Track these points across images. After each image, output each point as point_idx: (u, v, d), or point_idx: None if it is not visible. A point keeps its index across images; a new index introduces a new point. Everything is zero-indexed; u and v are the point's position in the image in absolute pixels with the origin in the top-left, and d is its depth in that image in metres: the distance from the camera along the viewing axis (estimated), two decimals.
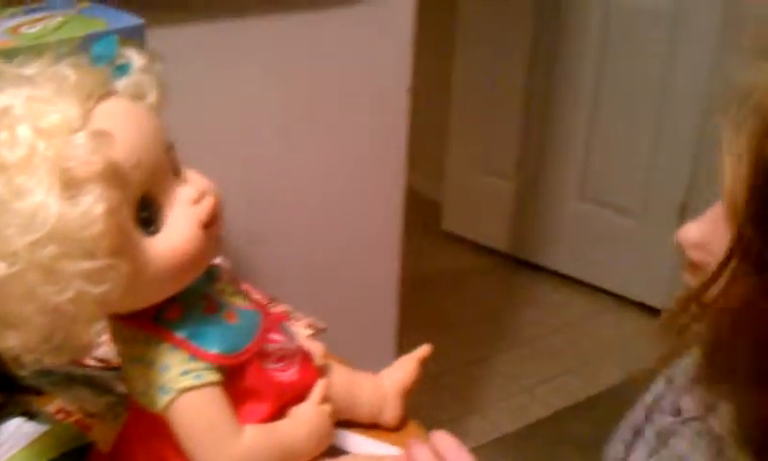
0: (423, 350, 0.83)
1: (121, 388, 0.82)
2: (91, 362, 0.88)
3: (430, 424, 0.77)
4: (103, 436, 0.75)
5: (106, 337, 0.86)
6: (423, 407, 0.76)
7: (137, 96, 0.65)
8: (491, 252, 2.91)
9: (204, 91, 1.27)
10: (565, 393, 2.19)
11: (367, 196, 1.60)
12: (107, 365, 0.88)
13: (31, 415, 0.78)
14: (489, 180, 2.85)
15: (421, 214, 3.12)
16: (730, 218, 0.55)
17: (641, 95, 2.45)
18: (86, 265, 0.56)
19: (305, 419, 0.70)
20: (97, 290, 0.57)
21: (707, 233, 0.60)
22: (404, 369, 0.82)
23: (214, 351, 0.65)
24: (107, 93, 0.62)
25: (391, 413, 0.80)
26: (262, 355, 0.70)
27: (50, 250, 0.55)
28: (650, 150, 2.46)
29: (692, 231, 0.61)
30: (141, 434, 0.69)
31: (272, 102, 1.40)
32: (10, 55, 0.65)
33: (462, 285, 2.74)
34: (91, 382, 0.85)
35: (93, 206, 0.56)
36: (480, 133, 2.85)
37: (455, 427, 2.06)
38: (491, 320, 2.57)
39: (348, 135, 1.52)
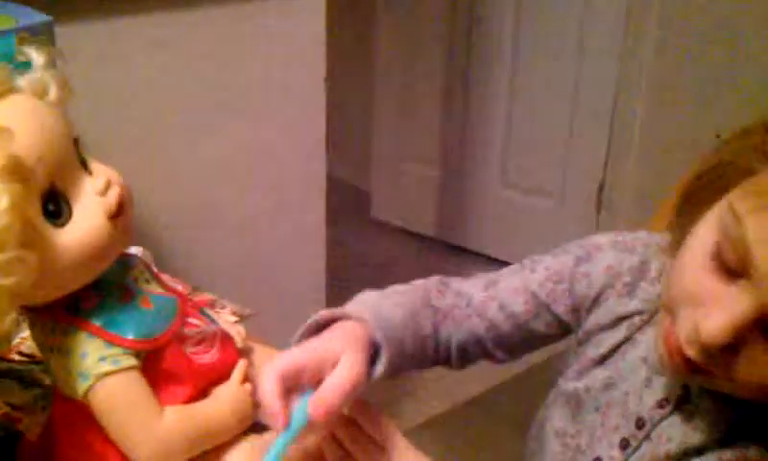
0: None
1: (47, 381, 0.82)
2: (16, 357, 0.88)
3: None
4: (30, 427, 0.75)
5: (29, 333, 0.88)
6: None
7: (39, 93, 0.66)
8: (419, 237, 2.94)
9: (118, 86, 1.27)
10: (495, 372, 2.22)
11: (290, 186, 1.60)
12: (32, 359, 0.88)
13: None
14: (414, 167, 2.89)
15: (351, 203, 3.13)
16: None
17: (557, 82, 2.49)
18: None
19: (226, 398, 0.72)
20: (6, 282, 0.58)
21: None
22: None
23: (130, 336, 0.66)
24: (7, 90, 0.63)
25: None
26: (181, 339, 0.71)
27: None
28: (566, 135, 2.52)
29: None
30: (67, 422, 0.70)
31: (187, 95, 1.39)
32: None
33: (391, 271, 2.73)
34: (17, 376, 0.85)
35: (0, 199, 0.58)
36: (404, 121, 2.88)
37: (388, 410, 2.10)
38: None
39: (266, 127, 1.53)
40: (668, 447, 0.69)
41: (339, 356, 0.65)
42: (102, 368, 0.65)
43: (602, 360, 0.78)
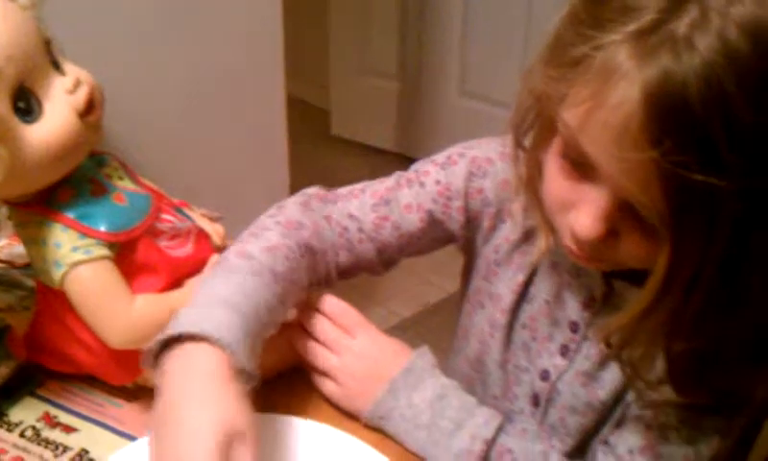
0: None
1: (29, 283, 0.85)
2: None
3: None
4: (17, 324, 0.77)
5: (7, 240, 0.92)
6: None
7: None
8: (379, 152, 2.94)
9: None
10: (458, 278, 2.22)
11: (248, 103, 1.58)
12: (11, 264, 0.91)
13: None
14: (372, 81, 2.88)
15: (311, 122, 3.13)
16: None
17: None
18: None
19: (195, 287, 0.74)
20: None
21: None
22: None
23: (102, 228, 0.68)
24: None
25: None
26: (155, 233, 0.73)
27: None
28: (523, 42, 2.47)
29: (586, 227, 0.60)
30: (51, 312, 0.72)
31: (143, 7, 1.36)
32: None
33: (356, 180, 2.71)
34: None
35: None
36: (360, 36, 2.85)
37: (366, 310, 2.14)
38: None
39: (223, 45, 1.50)
40: None
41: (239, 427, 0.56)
42: (75, 257, 0.67)
43: (522, 278, 0.77)
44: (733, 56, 0.48)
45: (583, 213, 0.59)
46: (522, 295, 0.77)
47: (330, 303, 0.77)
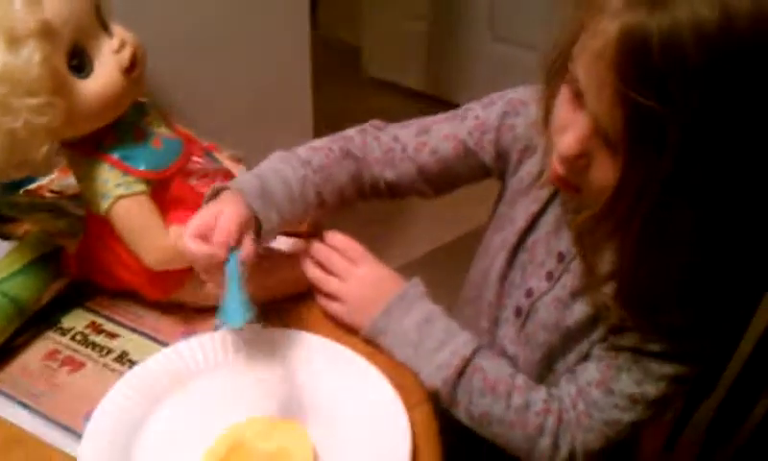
0: None
1: (75, 211, 0.95)
2: (48, 194, 1.02)
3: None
4: (68, 246, 0.88)
5: (57, 173, 1.05)
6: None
7: None
8: (409, 92, 2.98)
9: None
10: (468, 221, 2.17)
11: (273, 37, 1.61)
12: (61, 195, 1.02)
13: (3, 236, 0.92)
14: (406, 23, 2.93)
15: (344, 60, 3.16)
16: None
17: None
18: (31, 101, 0.70)
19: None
20: (41, 120, 0.70)
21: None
22: None
23: (141, 168, 0.79)
24: None
25: (306, 223, 0.94)
26: (186, 173, 0.84)
27: (1, 89, 0.71)
28: None
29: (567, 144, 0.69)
30: (98, 236, 0.84)
31: None
32: None
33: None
34: (50, 209, 0.98)
35: (31, 55, 0.69)
36: None
37: (385, 250, 2.22)
38: None
39: None
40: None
41: (222, 210, 0.77)
42: (118, 191, 0.78)
43: (535, 208, 0.87)
44: (699, 22, 0.57)
45: (568, 134, 0.68)
46: (532, 223, 0.88)
47: (338, 237, 0.88)
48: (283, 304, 0.88)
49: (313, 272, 0.88)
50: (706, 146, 0.60)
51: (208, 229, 0.76)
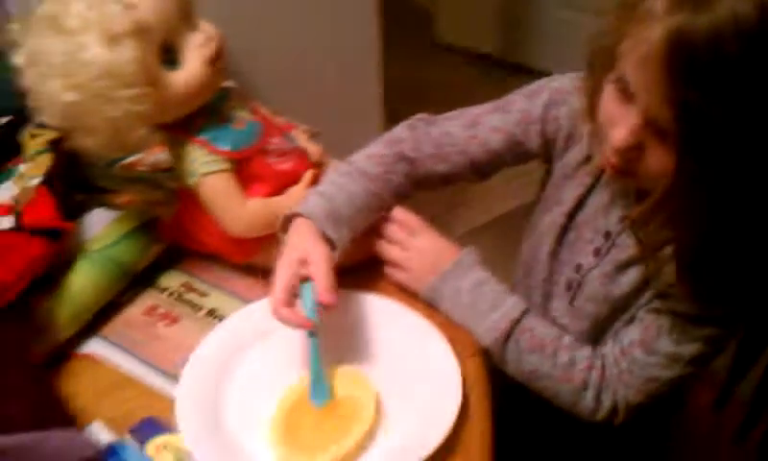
0: None
1: (168, 184, 1.04)
2: (144, 168, 1.11)
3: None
4: (163, 214, 1.00)
5: (152, 151, 1.15)
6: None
7: None
8: (482, 58, 3.00)
9: None
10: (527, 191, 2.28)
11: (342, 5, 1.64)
12: (156, 168, 1.10)
13: (106, 206, 1.02)
14: None
15: (415, 24, 3.18)
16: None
17: None
18: (129, 92, 0.81)
19: (294, 195, 0.95)
20: (137, 109, 0.82)
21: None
22: None
23: (226, 148, 0.89)
24: None
25: None
26: (264, 153, 0.94)
27: (103, 83, 0.80)
28: None
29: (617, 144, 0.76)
30: (188, 206, 0.95)
31: None
32: None
33: (454, 91, 2.71)
34: (146, 181, 1.08)
35: (128, 52, 0.80)
36: None
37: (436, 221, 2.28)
38: None
39: None
40: (628, 252, 0.87)
41: (309, 254, 0.83)
42: (204, 169, 0.89)
43: (582, 191, 0.92)
44: (739, 19, 0.63)
45: (619, 127, 0.75)
46: (579, 204, 0.94)
47: (401, 212, 0.97)
48: (356, 271, 0.97)
49: (379, 243, 0.97)
50: (750, 134, 0.66)
51: (292, 286, 0.83)
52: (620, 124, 0.75)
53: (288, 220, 0.89)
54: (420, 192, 1.02)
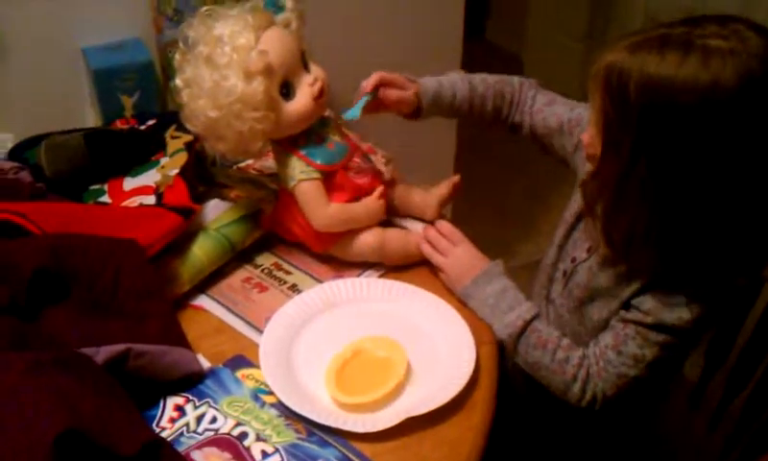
0: (454, 178, 1.29)
1: (271, 185, 1.34)
2: (253, 172, 1.43)
3: (491, 246, 1.23)
4: (265, 208, 1.28)
5: (259, 159, 1.42)
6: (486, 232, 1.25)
7: (286, 25, 1.17)
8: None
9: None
10: None
11: (426, 37, 1.87)
12: (262, 172, 1.43)
13: (221, 198, 1.31)
14: (564, 39, 3.21)
15: (507, 69, 3.40)
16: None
17: None
18: (255, 114, 1.10)
19: (366, 204, 1.21)
20: (260, 126, 1.11)
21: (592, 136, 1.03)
22: (441, 188, 1.28)
23: (318, 162, 1.17)
24: (269, 25, 1.13)
25: (430, 213, 1.28)
26: (348, 169, 1.21)
27: (238, 106, 1.09)
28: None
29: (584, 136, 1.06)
30: (285, 203, 1.23)
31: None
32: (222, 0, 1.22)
33: None
34: (254, 182, 1.37)
35: (258, 86, 1.09)
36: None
37: (511, 250, 2.49)
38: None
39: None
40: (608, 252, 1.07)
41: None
42: (301, 176, 1.17)
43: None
44: (647, 75, 0.91)
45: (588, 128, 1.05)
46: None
47: (445, 225, 1.24)
48: (408, 267, 1.25)
49: (426, 249, 1.24)
50: (649, 155, 0.94)
51: (389, 82, 1.29)
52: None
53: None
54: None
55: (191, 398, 1.00)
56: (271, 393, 1.02)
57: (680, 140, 0.92)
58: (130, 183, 1.32)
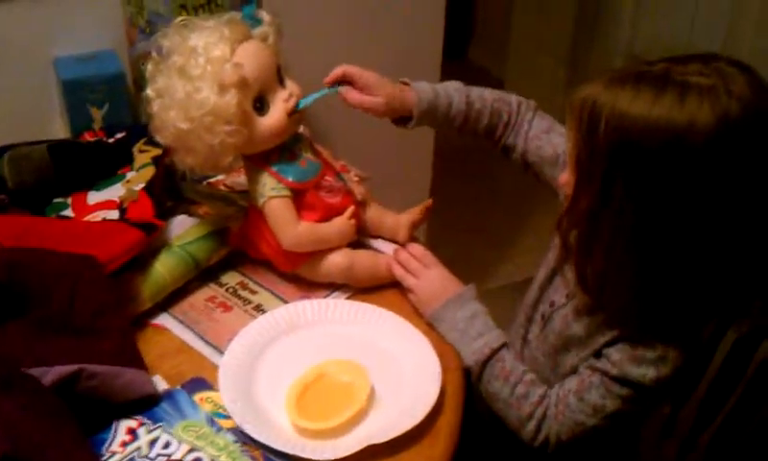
0: (427, 202, 1.28)
1: (241, 202, 1.32)
2: (223, 187, 1.41)
3: (469, 267, 1.21)
4: (233, 225, 1.25)
5: (229, 175, 1.40)
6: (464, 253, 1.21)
7: (263, 39, 1.14)
8: None
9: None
10: None
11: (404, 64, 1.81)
12: (232, 190, 1.40)
13: (189, 214, 1.28)
14: (545, 61, 3.22)
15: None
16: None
17: None
18: (227, 128, 1.07)
19: (337, 224, 1.19)
20: (232, 140, 1.08)
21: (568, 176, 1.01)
22: (413, 212, 1.27)
23: (290, 179, 1.15)
24: (245, 38, 1.11)
25: (402, 235, 1.26)
26: (319, 187, 1.19)
27: (209, 119, 1.06)
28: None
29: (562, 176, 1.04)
30: (254, 220, 1.20)
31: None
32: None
33: None
34: (223, 198, 1.37)
35: (231, 99, 1.06)
36: (540, 16, 3.22)
37: (490, 271, 2.45)
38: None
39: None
40: (584, 301, 1.06)
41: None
42: (271, 193, 1.15)
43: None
44: (618, 113, 0.90)
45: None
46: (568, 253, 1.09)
47: (417, 247, 1.23)
48: (377, 289, 1.23)
49: (397, 270, 1.22)
50: (619, 193, 0.92)
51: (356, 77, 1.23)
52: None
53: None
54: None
55: (145, 421, 0.97)
56: (229, 417, 0.99)
57: (649, 182, 0.90)
58: (94, 197, 1.30)
